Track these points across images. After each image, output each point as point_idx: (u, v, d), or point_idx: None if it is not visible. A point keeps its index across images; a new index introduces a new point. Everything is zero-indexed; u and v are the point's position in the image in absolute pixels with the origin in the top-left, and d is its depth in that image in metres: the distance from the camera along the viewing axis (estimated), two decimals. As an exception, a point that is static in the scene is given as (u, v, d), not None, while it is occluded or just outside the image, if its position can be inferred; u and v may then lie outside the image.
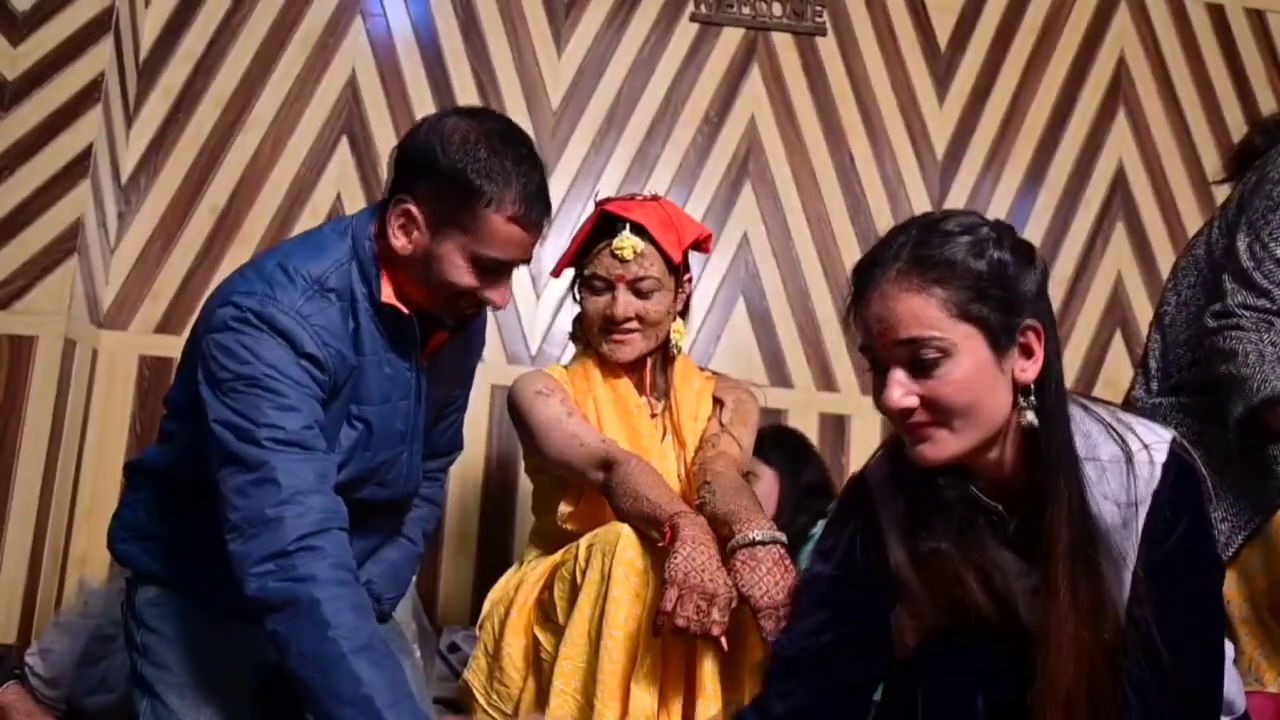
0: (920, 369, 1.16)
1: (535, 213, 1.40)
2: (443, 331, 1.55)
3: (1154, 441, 1.21)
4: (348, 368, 1.42)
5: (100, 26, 2.47)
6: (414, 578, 2.27)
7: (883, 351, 1.20)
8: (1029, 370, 1.19)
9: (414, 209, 1.39)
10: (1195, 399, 1.75)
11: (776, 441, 2.46)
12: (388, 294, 1.44)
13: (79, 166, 2.41)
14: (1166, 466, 1.19)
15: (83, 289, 2.44)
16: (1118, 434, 1.21)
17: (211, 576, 1.44)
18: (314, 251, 1.44)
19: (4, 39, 2.42)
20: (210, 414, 1.33)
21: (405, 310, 1.46)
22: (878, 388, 1.21)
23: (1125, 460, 1.19)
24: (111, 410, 2.54)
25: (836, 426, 2.79)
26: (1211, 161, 2.96)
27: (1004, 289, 1.17)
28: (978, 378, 1.16)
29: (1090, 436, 1.22)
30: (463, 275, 1.41)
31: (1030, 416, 1.19)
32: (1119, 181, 3.01)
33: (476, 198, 1.35)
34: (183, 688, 1.39)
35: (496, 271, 1.42)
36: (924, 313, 1.15)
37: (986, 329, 1.16)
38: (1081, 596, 1.16)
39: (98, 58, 2.46)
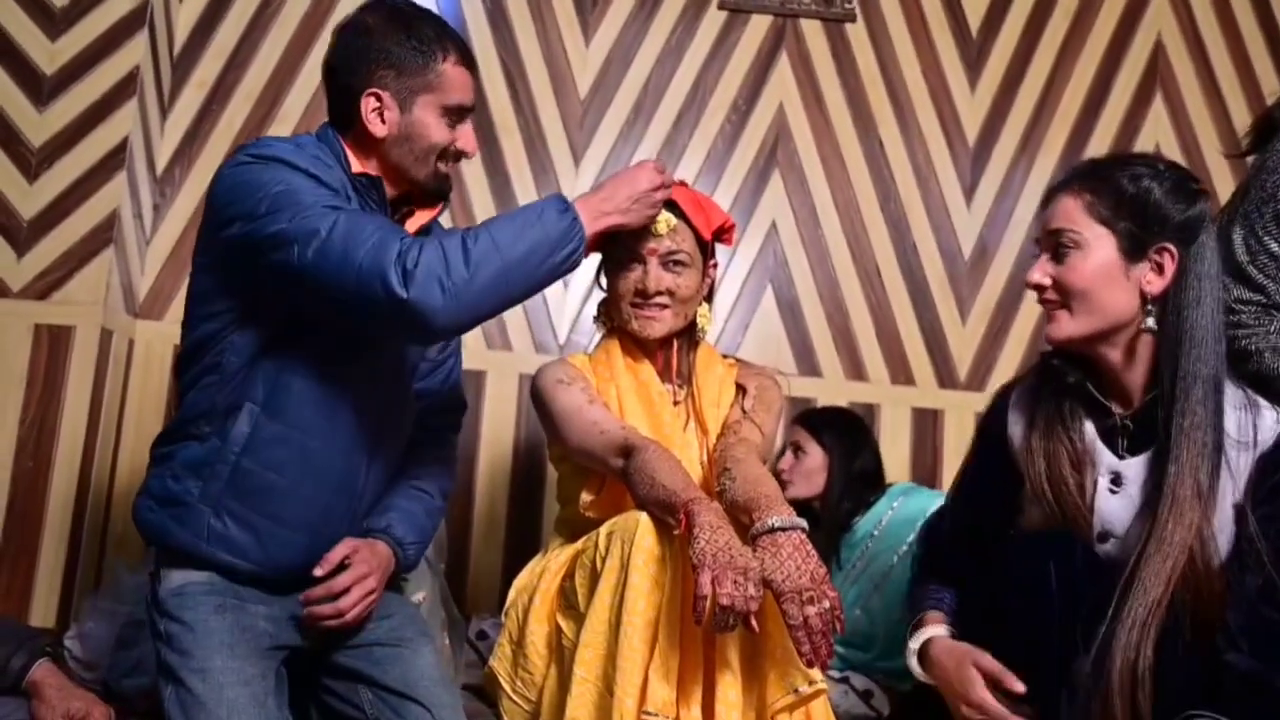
0: (1057, 256, 1.46)
1: (471, 55, 1.63)
2: (411, 218, 1.66)
3: None
4: (344, 197, 1.52)
5: (135, 21, 2.50)
6: (442, 565, 2.31)
7: (1041, 241, 1.50)
8: (1155, 284, 1.43)
9: (381, 94, 1.56)
10: None
11: (832, 422, 2.45)
12: (357, 166, 1.59)
13: (115, 159, 2.45)
14: None
15: (119, 280, 2.48)
16: (1248, 393, 1.44)
17: (240, 530, 1.51)
18: (285, 138, 1.60)
19: (41, 34, 2.46)
20: (265, 231, 1.41)
21: (375, 174, 1.59)
22: None
23: (1248, 406, 1.42)
24: (147, 398, 2.59)
25: (866, 415, 2.77)
26: (1252, 146, 2.91)
27: (1144, 209, 1.42)
28: (1100, 273, 1.42)
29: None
30: (440, 131, 1.59)
31: (1150, 322, 1.43)
32: (1156, 166, 2.96)
33: (432, 58, 1.56)
34: (205, 672, 1.41)
35: (461, 118, 1.62)
36: (1071, 211, 1.45)
37: (1120, 235, 1.42)
38: (1203, 489, 1.36)
39: (133, 52, 2.49)
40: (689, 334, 1.87)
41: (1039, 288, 1.47)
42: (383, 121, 1.56)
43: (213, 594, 1.50)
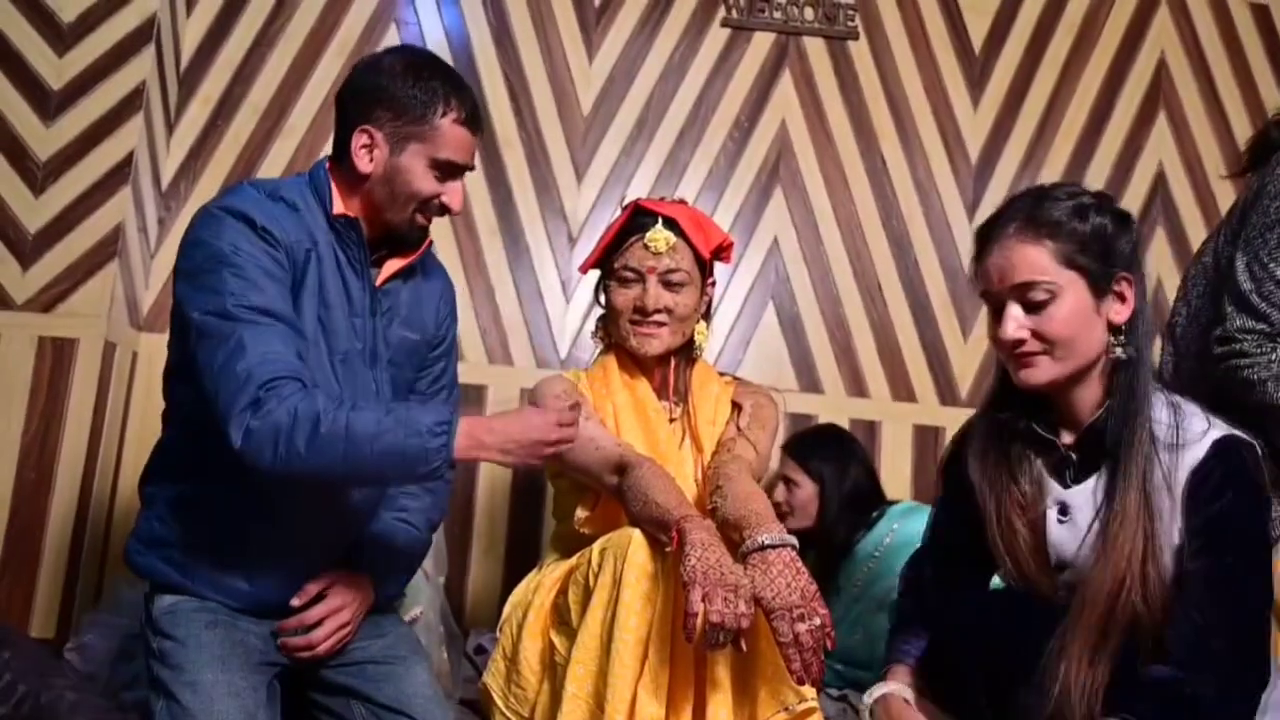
0: (1032, 307, 1.42)
1: (478, 119, 1.62)
2: (392, 259, 1.66)
3: (1216, 422, 1.41)
4: (304, 250, 1.53)
5: (142, 37, 2.52)
6: (441, 579, 2.31)
7: (1001, 295, 1.45)
8: (1122, 313, 1.44)
9: (374, 132, 1.56)
10: None
11: (817, 446, 2.42)
12: (339, 207, 1.59)
13: (120, 173, 2.47)
14: (1218, 442, 1.39)
15: (123, 293, 2.49)
16: (1172, 398, 1.45)
17: (225, 573, 1.53)
18: (270, 181, 1.62)
19: (49, 49, 2.48)
20: (186, 309, 1.43)
21: (354, 215, 1.59)
22: (995, 325, 1.46)
23: (1174, 410, 1.42)
24: (150, 411, 2.59)
25: (867, 432, 2.78)
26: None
27: (1103, 245, 1.42)
28: (1079, 316, 1.41)
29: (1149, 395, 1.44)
30: (425, 181, 1.58)
31: (1120, 352, 1.43)
32: (1159, 184, 2.97)
33: (431, 109, 1.56)
34: (195, 685, 1.41)
35: (451, 174, 1.60)
36: (1037, 261, 1.41)
37: (1088, 276, 1.42)
38: (1145, 494, 1.38)
39: (139, 67, 2.51)
40: (686, 351, 1.87)
41: (1018, 343, 1.43)
42: (370, 159, 1.57)
43: (204, 611, 1.51)
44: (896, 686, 1.55)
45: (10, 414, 2.34)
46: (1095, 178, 2.94)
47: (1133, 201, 2.94)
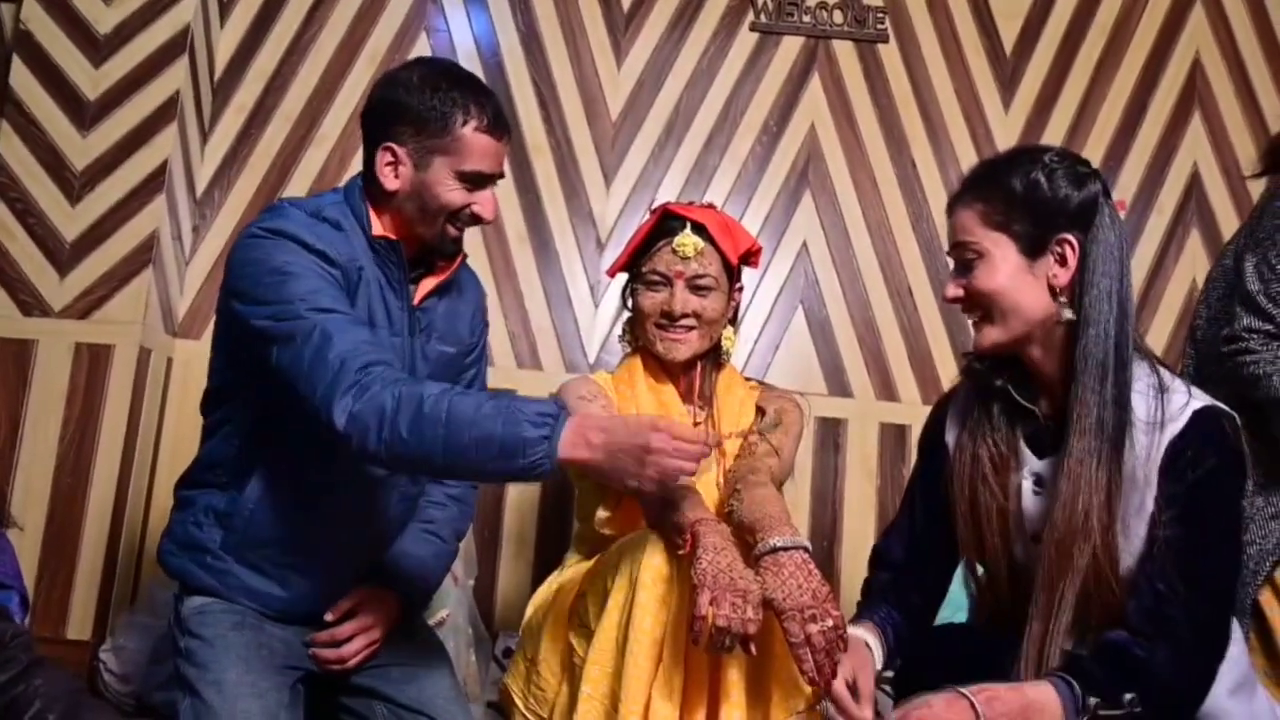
0: (963, 268, 1.44)
1: (501, 124, 1.59)
2: (428, 277, 1.66)
3: (1197, 395, 1.39)
4: (356, 268, 1.54)
5: (176, 48, 2.57)
6: (470, 581, 2.33)
7: (949, 254, 1.48)
8: (1061, 276, 1.39)
9: (397, 149, 1.55)
10: None
11: None
12: (378, 228, 1.59)
13: (155, 182, 2.52)
14: (1198, 413, 1.36)
15: (158, 299, 2.53)
16: (1161, 377, 1.40)
17: (262, 581, 1.56)
18: (309, 199, 1.62)
19: (86, 60, 2.53)
20: (251, 322, 1.44)
21: (394, 237, 1.59)
22: None
23: (1159, 390, 1.38)
24: (185, 416, 2.63)
25: (897, 437, 2.76)
26: (1294, 164, 2.84)
27: (1035, 206, 1.39)
28: (1007, 278, 1.40)
29: (1136, 369, 1.39)
30: (454, 194, 1.57)
31: (1067, 313, 1.39)
32: (1194, 186, 2.91)
33: (451, 120, 1.54)
34: (220, 684, 1.44)
35: (480, 184, 1.59)
36: (966, 223, 1.43)
37: (1016, 238, 1.39)
38: (1101, 470, 1.34)
39: (174, 77, 2.56)
40: (713, 356, 1.88)
41: (956, 301, 1.46)
42: (395, 176, 1.56)
43: (232, 613, 1.54)
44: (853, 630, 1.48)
45: (48, 419, 2.39)
46: (1129, 179, 2.90)
47: (1167, 203, 2.90)
